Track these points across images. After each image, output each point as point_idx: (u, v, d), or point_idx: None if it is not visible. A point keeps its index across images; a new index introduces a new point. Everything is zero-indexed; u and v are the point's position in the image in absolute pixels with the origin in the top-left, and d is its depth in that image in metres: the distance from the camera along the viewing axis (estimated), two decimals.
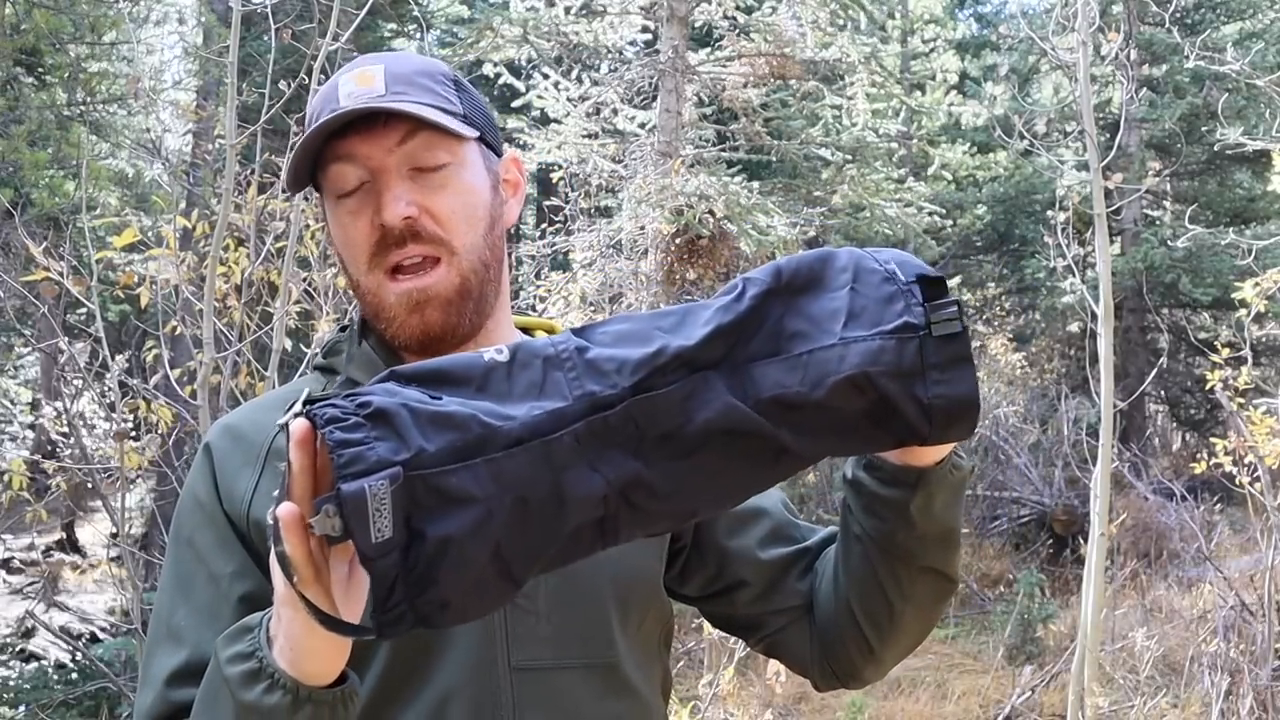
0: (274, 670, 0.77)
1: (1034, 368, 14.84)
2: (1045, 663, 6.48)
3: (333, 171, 0.98)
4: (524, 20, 8.22)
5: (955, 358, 0.76)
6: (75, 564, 10.66)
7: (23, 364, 13.37)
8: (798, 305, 0.76)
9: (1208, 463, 5.12)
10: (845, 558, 1.03)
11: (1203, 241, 10.55)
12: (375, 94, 0.95)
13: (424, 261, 0.97)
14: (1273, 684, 4.86)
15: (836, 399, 0.73)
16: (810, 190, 9.33)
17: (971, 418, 0.77)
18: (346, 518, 0.64)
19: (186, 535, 0.99)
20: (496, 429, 0.68)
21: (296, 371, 3.64)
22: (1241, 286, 4.99)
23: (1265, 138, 6.23)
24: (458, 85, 1.02)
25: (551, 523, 0.69)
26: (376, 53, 1.05)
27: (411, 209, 0.95)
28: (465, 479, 0.67)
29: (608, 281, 7.30)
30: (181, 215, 4.23)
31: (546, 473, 0.68)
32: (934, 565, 0.99)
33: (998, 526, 10.06)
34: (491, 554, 0.68)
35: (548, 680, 0.97)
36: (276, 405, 1.03)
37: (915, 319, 0.75)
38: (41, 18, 7.19)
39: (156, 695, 0.92)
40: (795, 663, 1.13)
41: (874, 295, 0.76)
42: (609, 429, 0.70)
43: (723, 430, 0.72)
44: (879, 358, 0.74)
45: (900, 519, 0.95)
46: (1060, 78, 13.92)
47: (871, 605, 1.02)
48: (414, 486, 0.65)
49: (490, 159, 1.04)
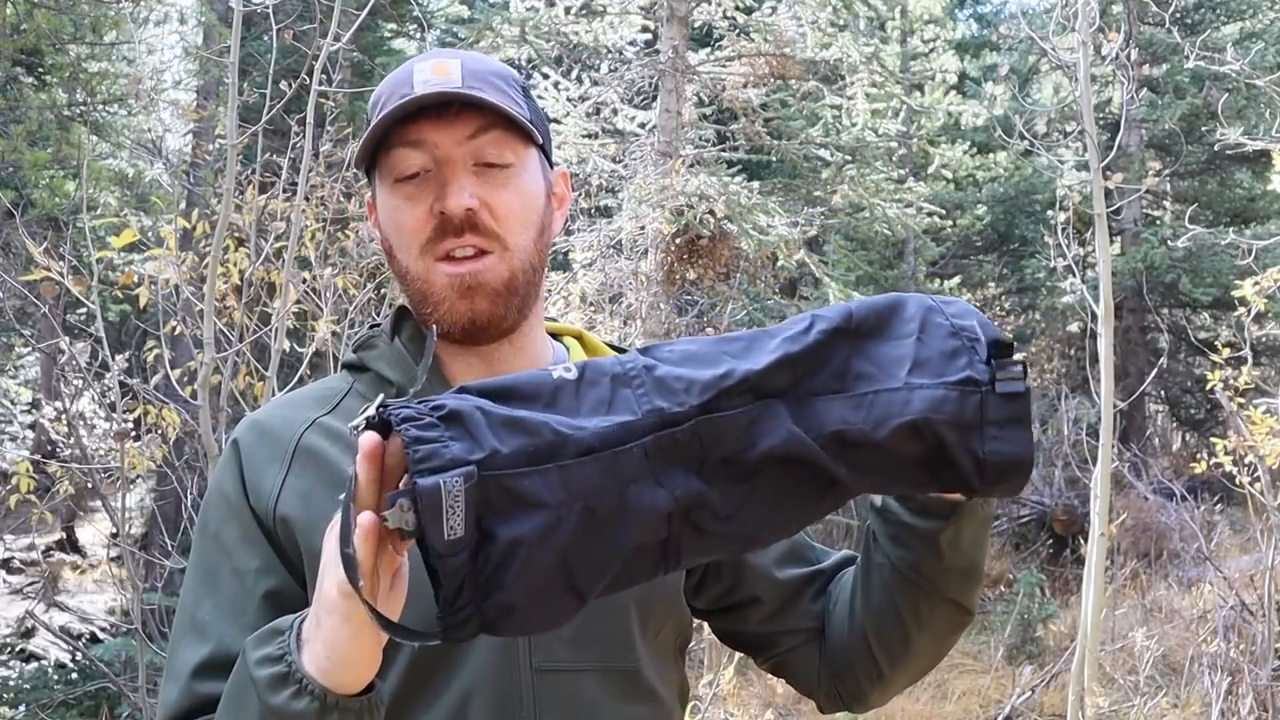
0: (302, 676, 0.76)
1: (1034, 368, 14.84)
2: (1045, 663, 6.48)
3: (396, 155, 0.98)
4: (523, 20, 8.21)
5: (1015, 417, 0.76)
6: (75, 564, 10.65)
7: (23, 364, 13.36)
8: (864, 348, 0.77)
9: (1208, 463, 5.12)
10: (865, 584, 1.04)
11: (1203, 241, 10.55)
12: (452, 85, 0.96)
13: (476, 253, 0.97)
14: (1273, 684, 4.86)
15: (896, 442, 0.75)
16: (810, 190, 9.32)
17: (1023, 477, 0.78)
18: (421, 512, 0.65)
19: (213, 529, 0.99)
20: (568, 436, 0.69)
21: (296, 372, 3.64)
22: (1241, 286, 4.99)
23: (1265, 138, 6.22)
24: (525, 92, 1.04)
25: (617, 536, 0.70)
26: (456, 50, 1.06)
27: (474, 200, 0.96)
28: (537, 483, 0.67)
29: (608, 281, 7.29)
30: (181, 215, 4.23)
31: (615, 484, 0.69)
32: (955, 598, 1.00)
33: (998, 526, 10.06)
34: (558, 562, 0.68)
35: (567, 682, 0.97)
36: (305, 403, 1.04)
37: (979, 375, 0.76)
38: (42, 18, 7.19)
39: (182, 688, 0.92)
40: (802, 683, 1.14)
41: (939, 348, 0.77)
42: (676, 446, 0.71)
43: (784, 459, 0.73)
44: (941, 406, 0.75)
45: (929, 550, 0.95)
46: (1060, 78, 13.92)
47: (887, 632, 1.03)
48: (487, 487, 0.66)
49: (546, 168, 1.05)
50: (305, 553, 0.94)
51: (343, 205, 4.32)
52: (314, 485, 0.96)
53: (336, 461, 0.97)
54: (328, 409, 1.02)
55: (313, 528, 0.91)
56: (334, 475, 0.96)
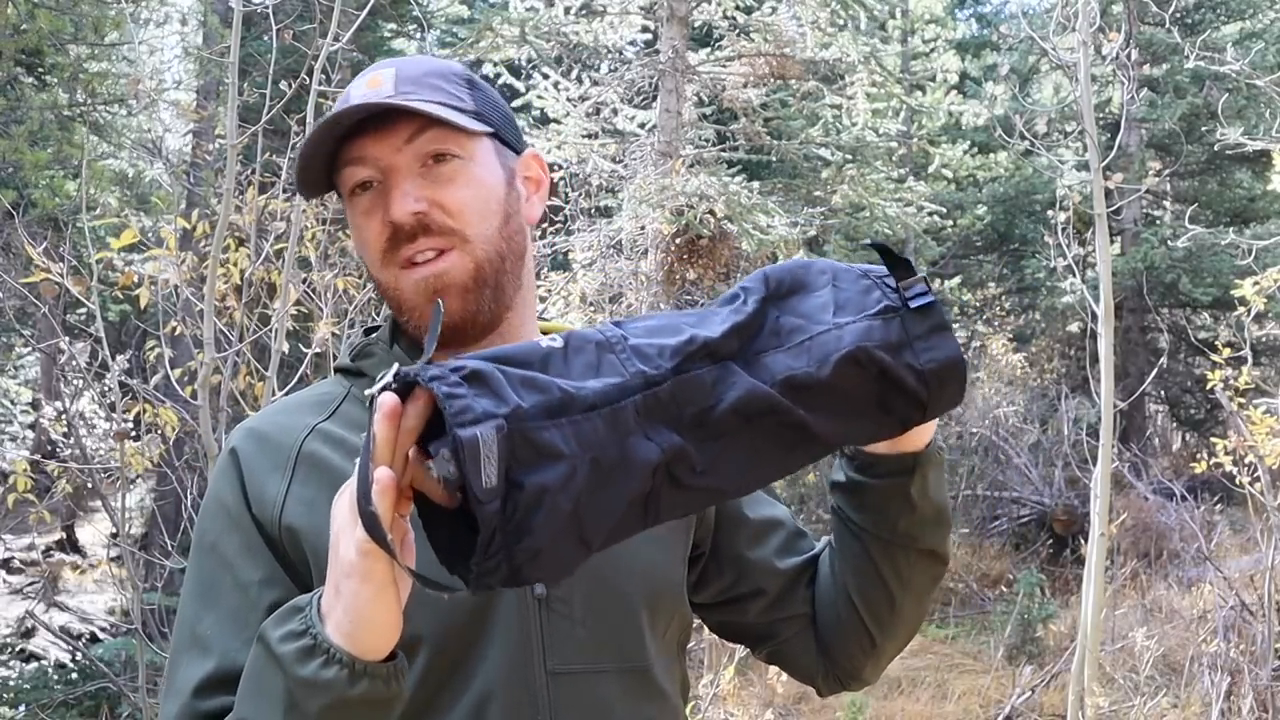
0: (329, 645, 0.76)
1: (1034, 368, 14.83)
2: (1045, 663, 6.48)
3: (346, 174, 1.00)
4: (523, 20, 8.21)
5: (935, 326, 0.86)
6: (75, 564, 10.66)
7: (23, 364, 13.38)
8: (788, 305, 0.86)
9: (1208, 463, 5.12)
10: (844, 558, 1.08)
11: (1203, 241, 10.56)
12: (383, 95, 0.97)
13: (437, 255, 0.97)
14: (1273, 684, 4.86)
15: (841, 377, 0.82)
16: (810, 190, 9.32)
17: (961, 376, 0.86)
18: (463, 462, 0.68)
19: (210, 541, 0.98)
20: (573, 394, 0.74)
21: (296, 372, 3.64)
22: (1241, 286, 4.99)
23: (1265, 138, 6.23)
24: (470, 84, 1.03)
25: (618, 487, 0.74)
26: (392, 58, 1.06)
27: (420, 204, 0.96)
28: (555, 436, 0.71)
29: (608, 281, 7.29)
30: (182, 215, 4.23)
31: (615, 437, 0.74)
32: (931, 545, 1.05)
33: (998, 526, 10.06)
34: (573, 510, 0.72)
35: (583, 684, 0.97)
36: (302, 409, 1.03)
37: (892, 301, 0.86)
38: (43, 18, 7.18)
39: (184, 706, 0.91)
40: (800, 669, 1.17)
41: (853, 289, 0.87)
42: (660, 404, 0.77)
43: (747, 412, 0.79)
44: (869, 335, 0.83)
45: (903, 505, 1.01)
46: (1060, 78, 13.92)
47: (873, 598, 1.07)
48: (513, 439, 0.70)
49: (506, 155, 1.04)
50: (313, 561, 0.93)
51: (342, 206, 4.31)
52: (319, 493, 0.95)
53: (340, 468, 0.96)
54: (326, 415, 1.02)
55: (320, 535, 0.90)
56: (338, 482, 0.94)
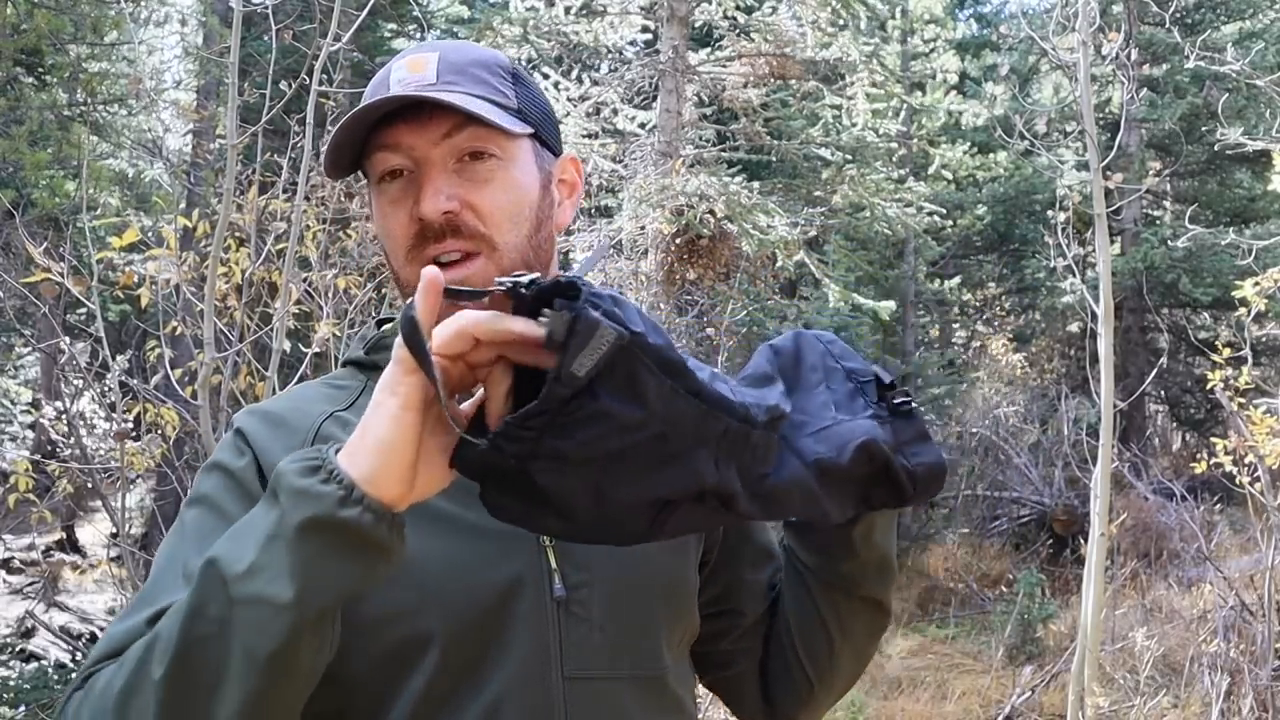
0: (335, 467, 0.73)
1: (1034, 368, 14.85)
2: (1045, 663, 6.48)
3: (377, 159, 0.95)
4: (524, 20, 8.22)
5: (920, 433, 0.90)
6: (75, 564, 10.66)
7: (23, 364, 13.37)
8: (796, 401, 0.89)
9: (1208, 463, 5.12)
10: (790, 597, 1.08)
11: (1203, 241, 10.56)
12: (425, 82, 0.93)
13: (463, 258, 0.93)
14: (1273, 684, 4.86)
15: (854, 464, 0.85)
16: (810, 190, 9.32)
17: (941, 479, 0.92)
18: (576, 332, 0.67)
19: (209, 496, 0.93)
20: (691, 370, 0.73)
21: (297, 372, 3.64)
22: (1241, 286, 4.99)
23: (1265, 138, 6.22)
24: (515, 77, 0.99)
25: (660, 475, 0.73)
26: (438, 40, 1.03)
27: (452, 203, 0.92)
28: (652, 385, 0.70)
29: (608, 281, 7.29)
30: (182, 215, 4.23)
31: (694, 434, 0.73)
32: (871, 593, 1.04)
33: (998, 526, 10.06)
34: (614, 453, 0.71)
35: (599, 690, 0.94)
36: (315, 398, 1.01)
37: (879, 410, 0.90)
38: (43, 18, 7.19)
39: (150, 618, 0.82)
40: (743, 705, 1.16)
41: (843, 390, 0.91)
42: (740, 445, 0.77)
43: (788, 487, 0.82)
44: (873, 432, 0.88)
45: (844, 548, 1.00)
46: (1060, 78, 13.92)
47: (812, 642, 1.07)
48: (621, 358, 0.69)
49: (544, 157, 1.00)
50: None
51: (343, 205, 4.32)
52: None
53: None
54: (344, 405, 0.99)
55: None
56: None
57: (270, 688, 0.73)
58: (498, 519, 0.76)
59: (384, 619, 0.89)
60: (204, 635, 0.72)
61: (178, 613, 0.75)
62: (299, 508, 0.72)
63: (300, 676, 0.75)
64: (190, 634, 0.73)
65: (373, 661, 0.89)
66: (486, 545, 0.92)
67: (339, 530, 0.71)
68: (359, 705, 0.90)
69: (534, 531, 0.76)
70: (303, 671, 0.75)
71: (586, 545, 0.94)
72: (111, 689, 0.76)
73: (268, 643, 0.71)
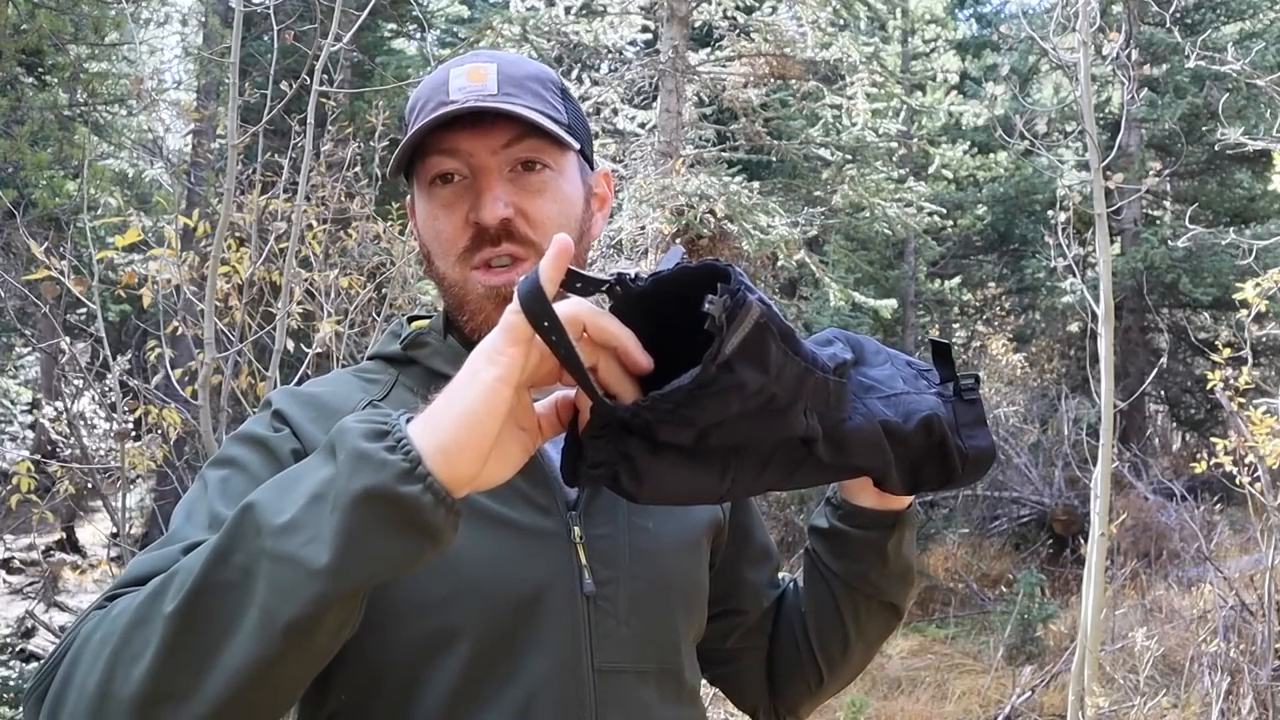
0: (404, 436, 0.68)
1: (1034, 368, 14.85)
2: (1045, 663, 6.48)
3: (432, 162, 0.98)
4: (524, 20, 8.22)
5: (979, 418, 0.94)
6: (75, 564, 10.65)
7: (23, 364, 13.38)
8: (863, 370, 0.92)
9: (1208, 463, 5.12)
10: (810, 598, 1.12)
11: (1203, 241, 10.56)
12: (487, 92, 0.96)
13: (513, 262, 0.97)
14: (1273, 684, 4.86)
15: (916, 434, 0.89)
16: (810, 190, 9.33)
17: (989, 465, 0.95)
18: (734, 313, 0.68)
19: (242, 462, 0.91)
20: (799, 339, 0.76)
21: (297, 372, 3.64)
22: (1242, 286, 4.99)
23: (1265, 138, 6.22)
24: (565, 94, 1.03)
25: (770, 429, 0.77)
26: (492, 51, 1.06)
27: (509, 210, 0.96)
28: (776, 354, 0.73)
29: None
30: (183, 215, 4.24)
31: (795, 393, 0.77)
32: (893, 599, 1.10)
33: (998, 526, 10.06)
34: (734, 416, 0.73)
35: (626, 683, 0.96)
36: (351, 386, 1.01)
37: (945, 390, 0.94)
38: (44, 18, 7.19)
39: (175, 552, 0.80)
40: (745, 698, 1.21)
41: (907, 373, 0.94)
42: (829, 391, 0.81)
43: (859, 435, 0.85)
44: (938, 408, 0.91)
45: (877, 557, 1.05)
46: (1060, 78, 13.93)
47: (829, 639, 1.12)
48: (758, 331, 0.71)
49: (585, 171, 1.05)
50: None
51: (344, 205, 4.33)
52: None
53: None
54: (380, 395, 1.00)
55: None
56: None
57: (279, 657, 0.68)
58: (583, 482, 0.76)
59: (416, 607, 0.89)
60: (224, 581, 0.69)
61: (203, 552, 0.71)
62: (358, 473, 0.67)
63: (312, 652, 0.71)
64: (210, 576, 0.69)
65: (403, 649, 0.90)
66: (521, 542, 0.94)
67: (394, 505, 0.67)
68: (388, 692, 0.90)
69: (617, 493, 0.75)
70: (317, 647, 0.71)
71: (613, 544, 0.98)
72: (125, 614, 0.73)
73: (289, 608, 0.67)
